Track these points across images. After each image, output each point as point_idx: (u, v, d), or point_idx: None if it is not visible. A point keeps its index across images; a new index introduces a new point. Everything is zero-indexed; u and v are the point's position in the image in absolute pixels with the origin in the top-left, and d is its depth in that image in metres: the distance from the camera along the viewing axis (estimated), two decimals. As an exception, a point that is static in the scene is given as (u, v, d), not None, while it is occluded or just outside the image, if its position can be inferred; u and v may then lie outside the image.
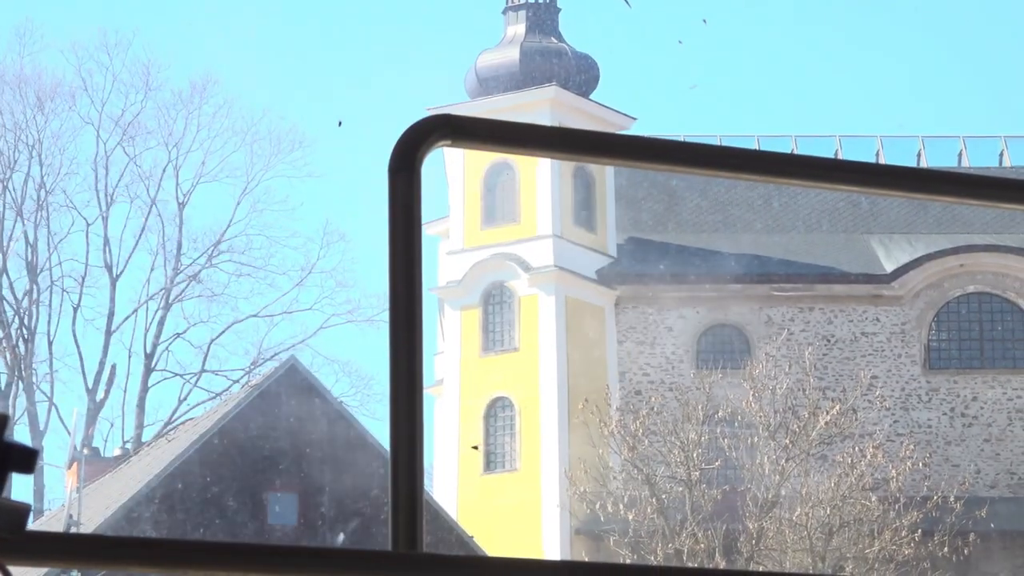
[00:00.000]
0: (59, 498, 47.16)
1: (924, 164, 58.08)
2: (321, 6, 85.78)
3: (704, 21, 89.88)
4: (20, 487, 53.29)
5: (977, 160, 65.04)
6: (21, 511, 2.08)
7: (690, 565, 41.77)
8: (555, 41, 68.31)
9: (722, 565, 43.71)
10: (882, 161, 59.53)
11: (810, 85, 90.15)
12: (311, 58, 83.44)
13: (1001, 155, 68.36)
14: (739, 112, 79.60)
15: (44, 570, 30.07)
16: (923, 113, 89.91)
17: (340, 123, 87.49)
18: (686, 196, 65.72)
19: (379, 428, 38.02)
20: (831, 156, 40.98)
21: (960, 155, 66.21)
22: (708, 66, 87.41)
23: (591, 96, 66.37)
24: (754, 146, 39.44)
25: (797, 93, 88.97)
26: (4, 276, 62.81)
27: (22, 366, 62.88)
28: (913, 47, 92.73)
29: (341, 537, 32.98)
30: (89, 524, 34.73)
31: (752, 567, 43.41)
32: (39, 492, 59.55)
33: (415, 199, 3.65)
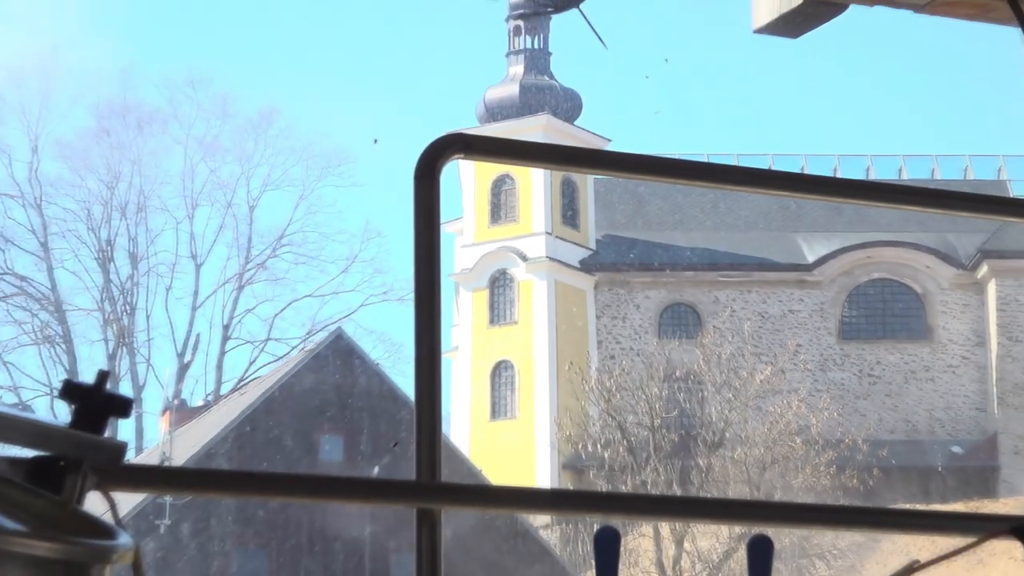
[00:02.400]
0: (154, 439, 47.11)
1: (873, 177, 58.47)
2: (362, 53, 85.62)
3: (666, 60, 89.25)
4: (124, 431, 53.27)
5: (947, 174, 65.25)
6: (120, 448, 2.05)
7: (653, 493, 41.68)
8: (547, 79, 68.10)
9: (678, 493, 43.57)
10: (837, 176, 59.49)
11: (754, 110, 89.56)
12: (354, 91, 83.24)
13: (965, 170, 68.34)
14: (693, 133, 79.60)
15: (141, 496, 30.03)
16: (876, 133, 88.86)
17: (376, 141, 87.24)
18: (650, 200, 65.54)
19: (406, 384, 37.97)
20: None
21: (933, 171, 66.47)
22: (668, 96, 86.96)
23: (576, 122, 66.21)
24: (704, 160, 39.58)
25: (739, 116, 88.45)
26: (112, 264, 62.74)
27: (126, 335, 62.85)
28: (874, 69, 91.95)
29: (376, 469, 32.92)
30: (178, 460, 34.65)
31: (701, 495, 43.35)
32: (139, 434, 59.48)
33: (435, 202, 3.63)
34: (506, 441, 60.69)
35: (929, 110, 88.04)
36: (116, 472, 2.32)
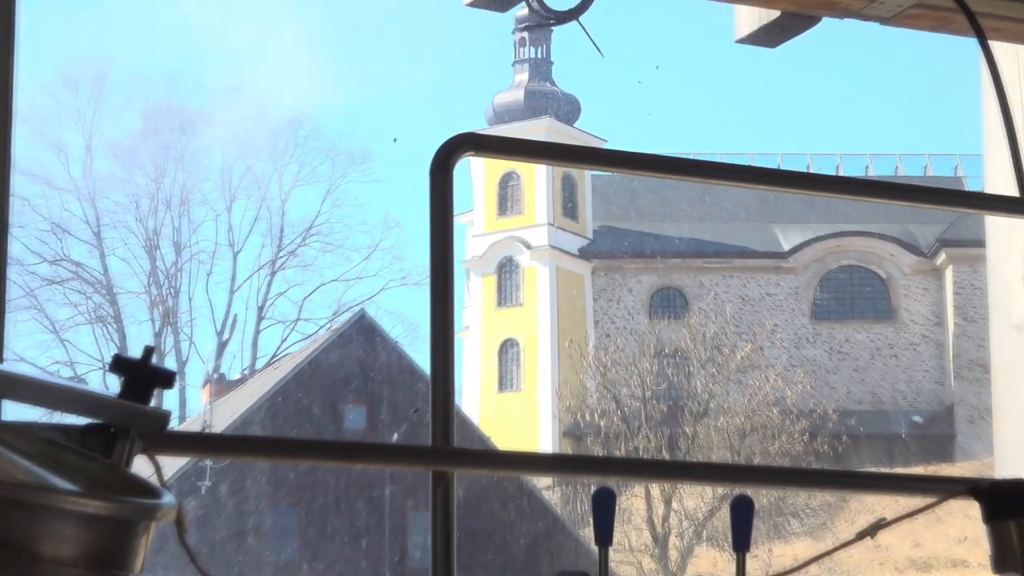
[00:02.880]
0: (196, 409, 47.13)
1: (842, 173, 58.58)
2: (382, 62, 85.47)
3: (657, 67, 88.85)
4: (169, 401, 53.31)
5: (909, 171, 65.24)
6: (164, 416, 2.05)
7: (644, 457, 41.66)
8: (549, 85, 68.01)
9: (667, 457, 43.56)
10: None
11: (735, 112, 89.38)
12: (374, 96, 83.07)
13: (925, 167, 68.25)
14: (681, 133, 79.61)
15: (184, 460, 30.08)
16: (845, 134, 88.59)
17: (395, 140, 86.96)
18: (642, 194, 65.43)
19: (423, 360, 37.91)
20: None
21: (896, 168, 66.50)
22: (659, 100, 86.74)
23: (575, 124, 66.13)
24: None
25: (722, 118, 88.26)
26: (158, 251, 62.68)
27: (170, 315, 62.86)
28: (843, 76, 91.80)
29: (395, 436, 32.93)
30: (217, 428, 34.67)
31: (688, 459, 43.38)
32: (182, 405, 59.46)
33: (449, 196, 3.61)
34: (512, 411, 60.69)
35: (893, 113, 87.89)
36: (161, 438, 2.32)
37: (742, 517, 2.84)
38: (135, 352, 2.09)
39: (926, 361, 63.53)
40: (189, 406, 61.17)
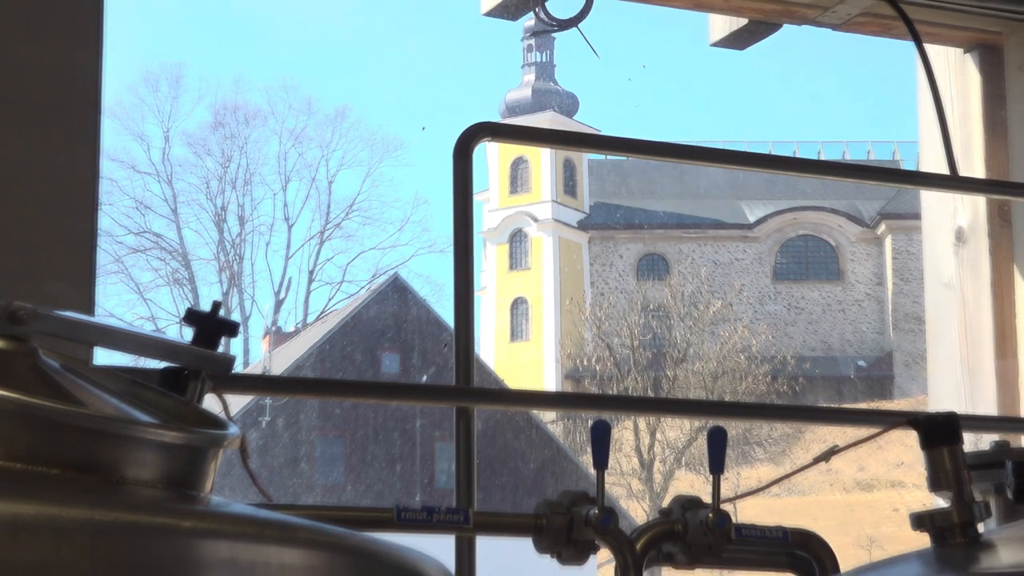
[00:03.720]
0: (257, 357, 47.17)
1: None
2: (413, 64, 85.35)
3: (644, 67, 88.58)
4: (235, 351, 53.46)
5: (854, 156, 65.14)
6: (230, 360, 2.04)
7: (633, 395, 41.71)
8: (552, 84, 67.90)
9: (652, 395, 43.61)
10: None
11: (710, 104, 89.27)
12: (406, 93, 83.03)
13: (868, 152, 68.09)
14: (664, 123, 79.49)
15: (248, 398, 30.13)
16: (800, 124, 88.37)
17: (424, 128, 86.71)
18: (632, 174, 65.34)
19: (447, 315, 37.99)
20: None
21: (843, 153, 66.51)
22: (646, 94, 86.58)
23: (574, 117, 66.08)
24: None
25: (699, 109, 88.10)
26: (225, 224, 62.66)
27: (235, 278, 62.90)
28: (800, 73, 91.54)
29: (424, 377, 32.92)
30: (275, 372, 34.78)
31: (669, 397, 43.50)
32: (246, 353, 59.50)
33: (469, 176, 3.59)
34: (522, 358, 60.75)
35: (841, 106, 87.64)
36: (227, 379, 2.30)
37: (717, 445, 2.82)
38: (205, 308, 2.09)
39: (869, 315, 63.51)
40: (252, 355, 61.26)
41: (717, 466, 2.79)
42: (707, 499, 2.79)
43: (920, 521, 2.55)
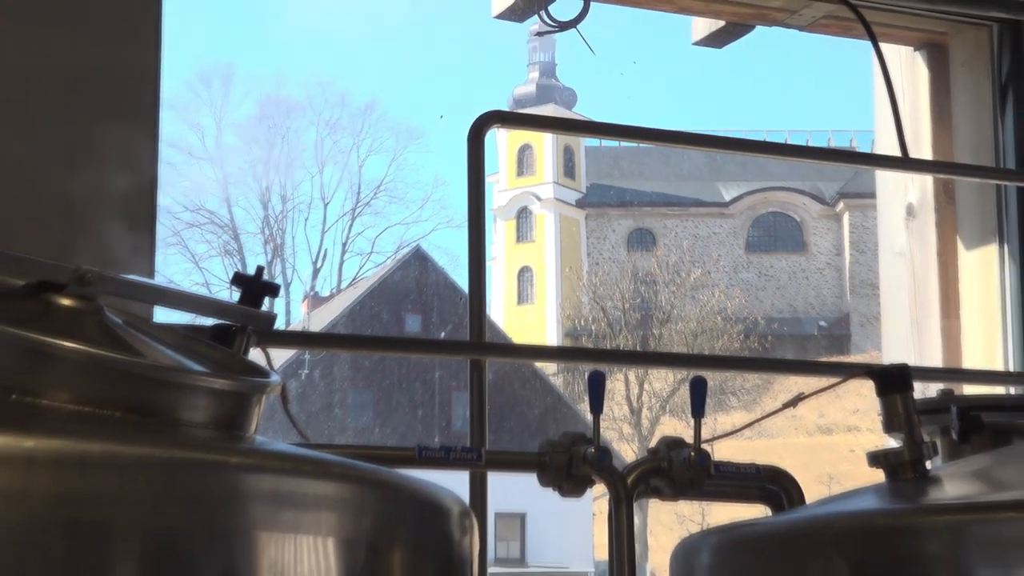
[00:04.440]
0: (297, 318, 47.20)
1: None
2: (433, 64, 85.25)
3: (634, 62, 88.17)
4: (279, 313, 53.58)
5: (817, 143, 64.78)
6: (272, 318, 2.03)
7: (624, 349, 41.70)
8: (554, 80, 67.70)
9: (640, 350, 43.63)
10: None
11: (692, 96, 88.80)
12: (425, 87, 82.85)
13: (828, 140, 67.78)
14: (652, 113, 79.19)
15: (289, 353, 30.16)
16: (769, 114, 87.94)
17: (441, 116, 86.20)
18: (624, 158, 65.20)
19: (462, 281, 37.90)
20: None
21: (807, 140, 66.35)
22: (636, 87, 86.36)
23: (573, 109, 65.98)
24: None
25: (683, 100, 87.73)
26: (269, 203, 62.52)
27: (279, 249, 62.88)
28: (768, 68, 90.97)
29: (442, 334, 32.90)
30: (313, 330, 34.84)
31: (655, 351, 43.61)
32: (287, 315, 59.52)
33: (482, 159, 3.58)
34: (527, 319, 60.75)
35: (805, 98, 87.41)
36: (269, 335, 2.30)
37: (698, 393, 2.82)
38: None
39: (829, 281, 63.46)
40: (293, 316, 61.28)
41: (698, 411, 2.78)
42: (690, 440, 2.79)
43: (876, 459, 2.54)
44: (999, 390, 4.02)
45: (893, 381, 2.56)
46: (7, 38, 3.20)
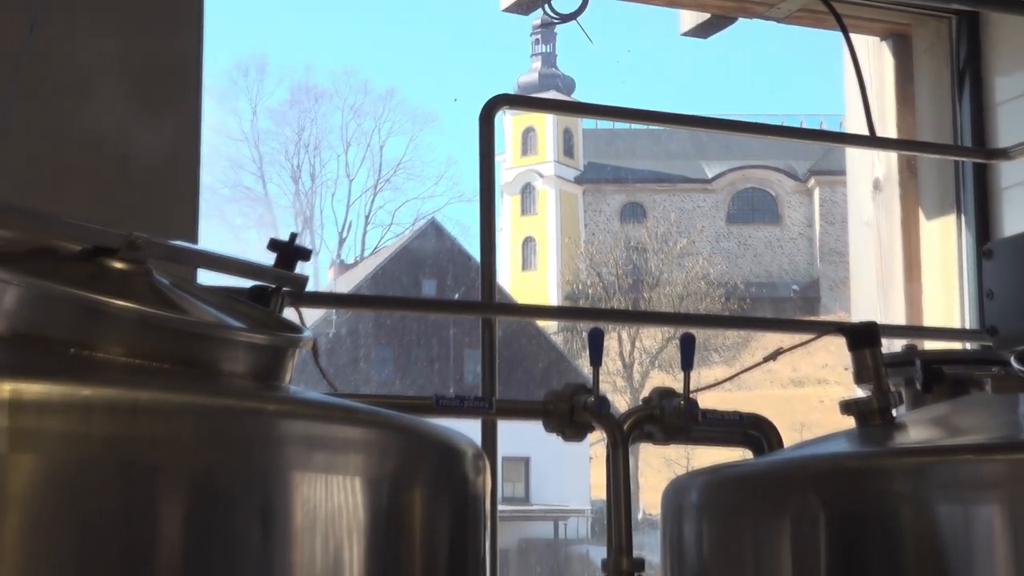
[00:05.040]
0: (325, 283, 47.27)
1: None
2: (448, 53, 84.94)
3: (628, 51, 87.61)
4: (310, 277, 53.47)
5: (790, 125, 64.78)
6: (304, 279, 2.02)
7: (618, 309, 41.72)
8: (555, 69, 67.45)
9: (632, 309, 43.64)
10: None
11: (681, 81, 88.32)
12: (439, 75, 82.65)
13: (801, 122, 67.32)
14: (645, 96, 78.75)
15: (319, 313, 30.18)
16: (746, 98, 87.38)
17: (456, 100, 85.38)
18: (618, 138, 65.09)
19: (473, 249, 37.80)
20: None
21: (782, 122, 65.51)
22: (630, 73, 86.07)
23: (572, 95, 65.83)
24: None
25: (673, 84, 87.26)
26: (299, 180, 62.34)
27: (308, 222, 62.71)
28: (748, 56, 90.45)
29: (456, 295, 32.85)
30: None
31: (646, 311, 43.64)
32: (316, 280, 59.54)
33: (491, 139, 3.56)
34: (531, 283, 60.68)
35: (779, 84, 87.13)
36: (301, 296, 2.28)
37: (687, 348, 2.82)
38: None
39: (801, 250, 63.37)
40: (321, 282, 61.31)
41: (687, 364, 2.77)
42: (679, 391, 2.78)
43: (847, 407, 2.53)
44: (956, 346, 4.02)
45: (863, 337, 2.55)
46: (69, 30, 3.20)
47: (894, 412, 2.51)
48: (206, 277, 2.31)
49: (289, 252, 2.04)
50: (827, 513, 2.20)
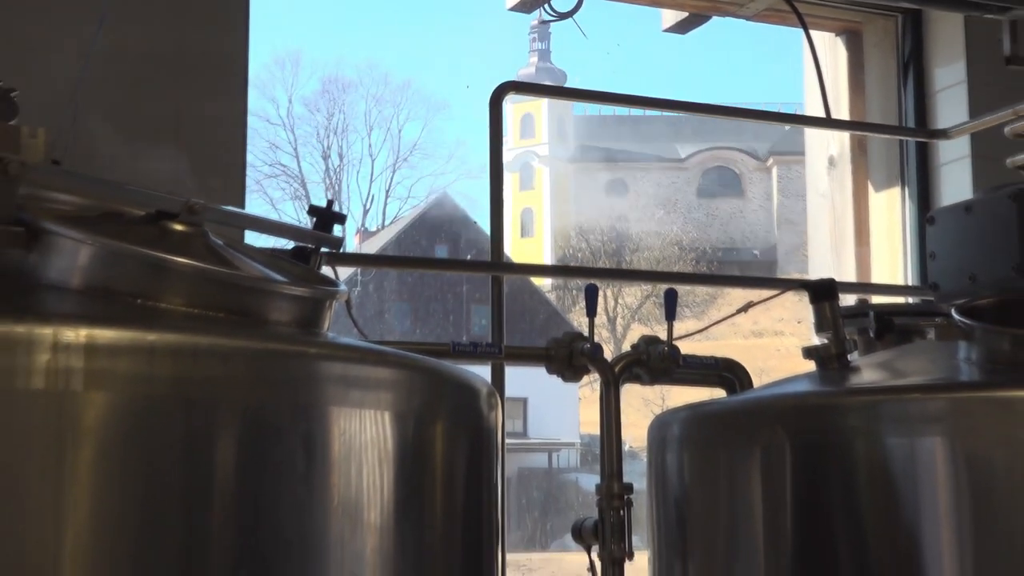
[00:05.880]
0: (351, 248, 47.32)
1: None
2: (458, 47, 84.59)
3: (618, 44, 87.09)
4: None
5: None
6: (340, 241, 2.01)
7: (605, 267, 41.75)
8: (550, 64, 67.02)
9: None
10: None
11: (662, 72, 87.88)
12: (449, 68, 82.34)
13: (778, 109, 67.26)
14: (631, 86, 78.42)
15: (349, 270, 30.16)
16: (719, 88, 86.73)
17: (468, 86, 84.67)
18: (604, 123, 64.82)
19: (477, 218, 37.74)
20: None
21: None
22: (619, 65, 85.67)
23: (564, 85, 65.79)
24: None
25: (656, 75, 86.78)
26: (329, 158, 62.01)
27: (336, 195, 62.61)
28: (719, 49, 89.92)
29: (468, 257, 32.77)
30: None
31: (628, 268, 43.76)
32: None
33: (501, 119, 3.54)
34: (528, 249, 60.53)
35: (747, 76, 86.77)
36: (337, 255, 2.26)
37: (670, 301, 2.81)
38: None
39: (761, 220, 63.21)
40: (348, 247, 61.24)
41: (671, 316, 2.76)
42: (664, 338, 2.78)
43: (809, 352, 2.52)
44: (901, 300, 4.01)
45: (823, 292, 2.54)
46: (131, 26, 3.18)
47: (849, 357, 2.50)
48: (252, 239, 2.29)
49: (327, 216, 2.02)
50: (792, 444, 2.19)
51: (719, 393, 2.86)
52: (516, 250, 60.98)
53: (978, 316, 2.33)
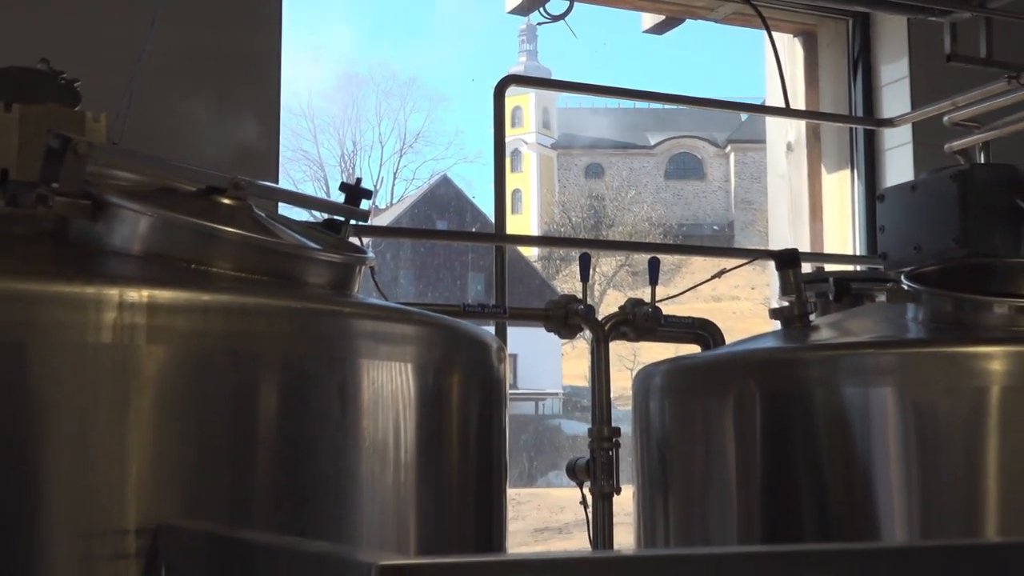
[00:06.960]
0: (365, 222, 47.24)
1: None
2: (460, 46, 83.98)
3: (604, 44, 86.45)
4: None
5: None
6: (366, 214, 1.99)
7: (587, 238, 41.68)
8: (536, 63, 66.70)
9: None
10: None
11: (644, 68, 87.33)
12: (450, 66, 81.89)
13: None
14: (617, 81, 77.72)
15: (368, 240, 30.08)
16: (691, 83, 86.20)
17: (473, 80, 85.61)
18: (584, 115, 64.52)
19: (483, 204, 37.70)
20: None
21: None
22: (604, 63, 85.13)
23: (550, 82, 65.34)
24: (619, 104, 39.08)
25: (638, 71, 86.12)
26: (345, 145, 62.00)
27: (350, 178, 62.55)
28: (692, 49, 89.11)
29: (473, 230, 32.70)
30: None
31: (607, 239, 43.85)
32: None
33: (503, 109, 3.50)
34: (517, 225, 60.14)
35: (715, 73, 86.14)
36: (363, 227, 2.24)
37: (653, 268, 2.79)
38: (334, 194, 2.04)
39: (720, 199, 63.16)
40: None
41: (654, 280, 2.75)
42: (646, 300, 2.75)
43: (775, 313, 2.51)
44: (850, 268, 4.00)
45: (788, 260, 2.52)
46: (177, 25, 3.14)
47: (811, 317, 2.49)
48: (286, 212, 2.26)
49: (356, 192, 2.00)
50: (761, 393, 2.19)
51: (686, 350, 2.85)
52: (509, 223, 60.73)
53: (924, 281, 2.32)
